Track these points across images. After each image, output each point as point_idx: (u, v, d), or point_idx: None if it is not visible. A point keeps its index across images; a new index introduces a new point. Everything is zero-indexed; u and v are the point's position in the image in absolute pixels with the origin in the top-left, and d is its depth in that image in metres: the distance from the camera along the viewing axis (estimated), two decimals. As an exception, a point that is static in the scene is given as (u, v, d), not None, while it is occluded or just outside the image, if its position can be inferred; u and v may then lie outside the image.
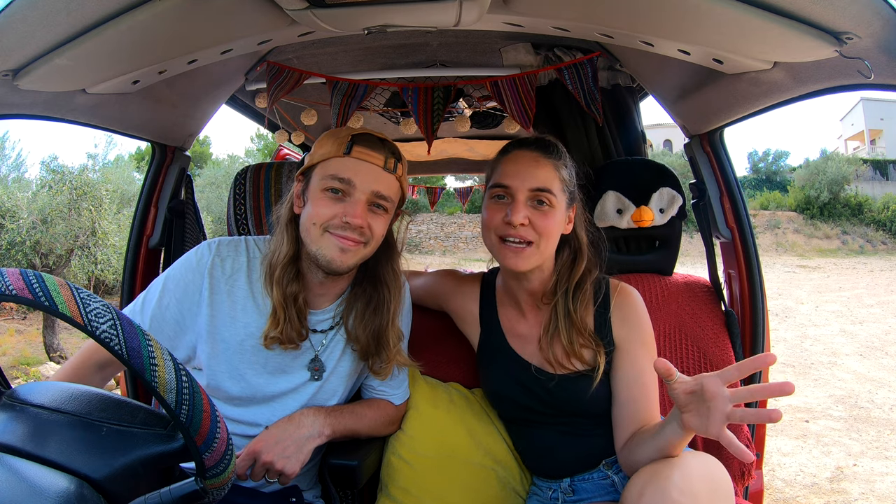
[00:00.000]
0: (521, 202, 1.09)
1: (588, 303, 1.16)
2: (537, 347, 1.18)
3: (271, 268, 1.07)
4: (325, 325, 1.15)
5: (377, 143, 1.07)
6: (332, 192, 1.03)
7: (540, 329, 1.19)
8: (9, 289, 0.58)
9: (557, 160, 1.14)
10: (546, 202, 1.10)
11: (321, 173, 1.05)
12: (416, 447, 1.28)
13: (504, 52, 1.74)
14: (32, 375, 5.51)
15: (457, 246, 17.53)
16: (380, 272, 1.16)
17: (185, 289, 1.09)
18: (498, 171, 1.15)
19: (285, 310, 1.05)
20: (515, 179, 1.10)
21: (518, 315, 1.23)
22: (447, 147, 3.09)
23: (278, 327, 1.05)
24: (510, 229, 1.09)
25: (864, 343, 6.55)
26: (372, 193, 1.04)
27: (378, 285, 1.16)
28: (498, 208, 1.12)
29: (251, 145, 19.90)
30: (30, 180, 8.29)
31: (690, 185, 1.65)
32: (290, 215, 1.10)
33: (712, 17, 0.95)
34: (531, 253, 1.10)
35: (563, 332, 1.13)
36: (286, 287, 1.06)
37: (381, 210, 1.07)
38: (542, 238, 1.10)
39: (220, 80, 1.69)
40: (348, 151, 1.04)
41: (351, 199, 1.03)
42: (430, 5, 1.05)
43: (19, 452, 0.62)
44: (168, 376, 0.61)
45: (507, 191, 1.11)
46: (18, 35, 0.91)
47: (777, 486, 3.05)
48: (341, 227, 1.03)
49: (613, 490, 1.14)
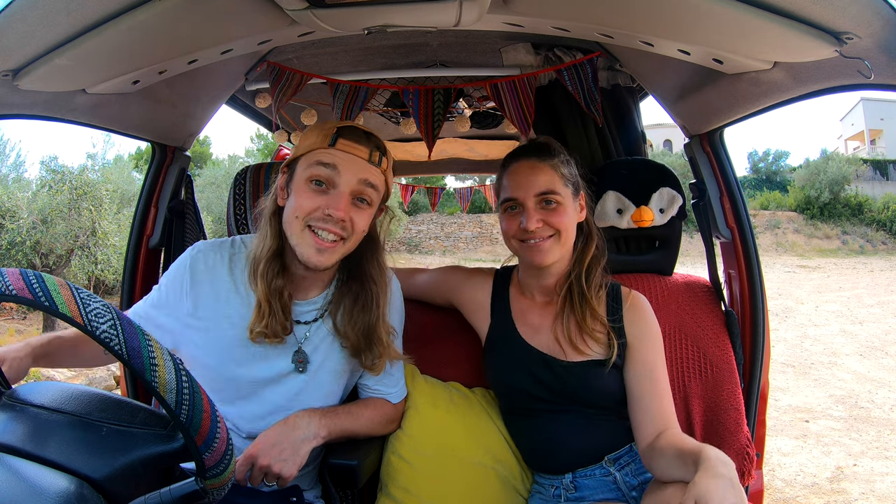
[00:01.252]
0: (531, 209, 1.16)
1: (601, 295, 1.23)
2: (549, 336, 1.22)
3: (255, 261, 1.08)
4: (309, 316, 1.15)
5: (362, 137, 1.07)
6: (315, 183, 1.03)
7: (552, 318, 1.23)
8: (9, 289, 0.58)
9: (554, 159, 1.20)
10: (554, 202, 1.17)
11: (305, 163, 1.05)
12: (416, 446, 1.28)
13: (504, 53, 1.74)
14: (32, 375, 5.51)
15: (457, 246, 17.53)
16: (365, 268, 1.17)
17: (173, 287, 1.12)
18: (504, 185, 1.22)
19: (270, 303, 1.05)
20: (520, 191, 1.18)
21: (531, 305, 1.28)
22: (447, 147, 3.09)
23: (263, 321, 1.05)
24: (527, 234, 1.17)
25: (864, 343, 6.55)
26: (357, 182, 1.05)
27: (365, 281, 1.16)
28: (513, 219, 1.20)
29: (251, 145, 19.90)
30: (30, 180, 8.29)
31: (690, 185, 1.65)
32: (273, 208, 1.11)
33: (712, 17, 0.95)
34: (552, 244, 1.17)
35: (577, 310, 1.19)
36: (271, 281, 1.06)
37: (364, 204, 1.07)
38: (559, 231, 1.17)
39: (220, 80, 1.69)
40: (333, 143, 1.04)
41: (335, 192, 1.03)
42: (430, 5, 1.06)
43: (19, 452, 0.62)
44: (168, 376, 0.61)
45: (515, 202, 1.19)
46: (18, 35, 0.91)
47: (777, 486, 3.05)
48: (323, 219, 1.03)
49: (615, 487, 1.14)
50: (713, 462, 0.85)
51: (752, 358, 1.48)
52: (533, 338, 1.24)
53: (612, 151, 1.78)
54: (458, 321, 1.41)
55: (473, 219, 17.72)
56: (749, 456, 1.36)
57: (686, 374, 1.42)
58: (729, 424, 1.37)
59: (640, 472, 1.15)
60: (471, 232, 17.69)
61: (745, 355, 1.47)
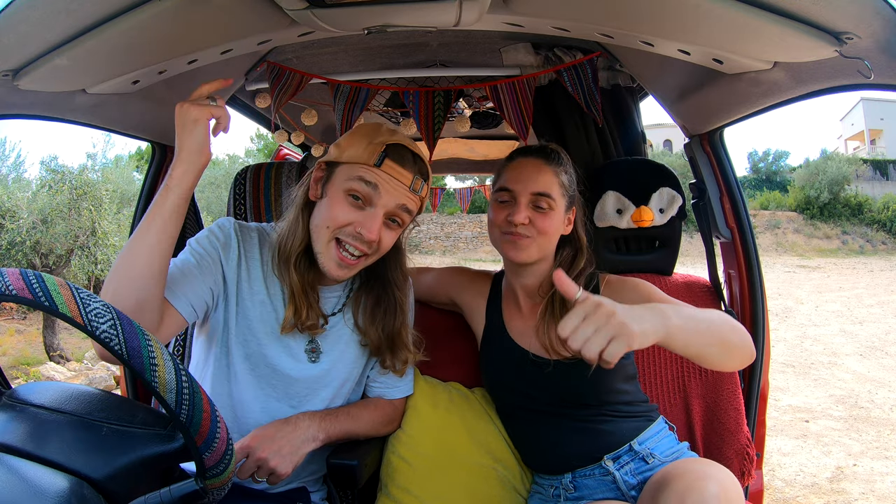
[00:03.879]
0: (523, 204, 1.18)
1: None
2: (534, 336, 1.22)
3: (286, 252, 1.07)
4: (327, 308, 1.16)
5: (409, 160, 1.05)
6: (353, 197, 1.03)
7: (536, 319, 1.23)
8: (9, 289, 0.58)
9: (558, 167, 1.22)
10: (546, 206, 1.19)
11: (347, 173, 1.03)
12: (416, 446, 1.28)
13: (504, 53, 1.74)
14: (32, 375, 5.51)
15: (457, 246, 17.53)
16: (389, 275, 1.18)
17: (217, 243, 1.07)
18: (503, 176, 1.24)
19: (307, 296, 1.07)
20: (518, 184, 1.19)
21: (516, 309, 1.30)
22: (447, 147, 3.09)
23: (302, 313, 1.06)
24: (512, 227, 1.18)
25: (864, 343, 6.55)
26: (395, 206, 1.04)
27: (388, 286, 1.17)
28: (502, 209, 1.22)
29: (251, 145, 19.88)
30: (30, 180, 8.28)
31: (690, 185, 1.65)
32: (304, 199, 1.10)
33: (712, 17, 0.95)
34: (529, 244, 1.18)
35: (558, 312, 1.19)
36: (304, 274, 1.07)
37: (395, 225, 1.08)
38: (540, 235, 1.19)
39: (220, 80, 1.69)
40: (379, 164, 1.02)
41: (370, 210, 1.03)
42: (430, 5, 1.06)
43: (19, 452, 0.62)
44: (168, 376, 0.61)
45: (510, 194, 1.21)
46: (18, 35, 0.91)
47: (777, 486, 3.05)
48: (353, 235, 1.03)
49: (615, 487, 1.14)
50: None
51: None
52: (521, 338, 1.25)
53: (612, 151, 1.78)
54: (458, 322, 1.41)
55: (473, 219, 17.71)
56: (749, 456, 1.36)
57: (686, 374, 1.43)
58: (729, 424, 1.38)
59: (640, 472, 1.14)
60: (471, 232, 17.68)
61: (745, 355, 1.47)
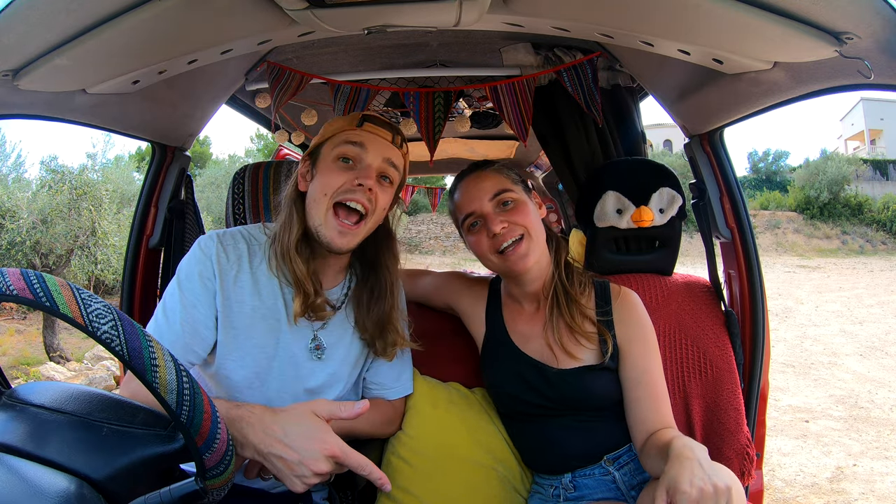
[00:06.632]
0: (490, 214, 1.17)
1: (587, 293, 1.23)
2: (541, 343, 1.22)
3: (284, 247, 1.09)
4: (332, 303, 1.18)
5: (385, 123, 1.14)
6: (343, 160, 1.08)
7: (542, 325, 1.23)
8: (9, 289, 0.58)
9: (492, 167, 1.23)
10: (509, 200, 1.18)
11: (332, 144, 1.10)
12: (416, 447, 1.28)
13: (504, 53, 1.74)
14: (32, 375, 5.51)
15: (457, 246, 17.51)
16: (381, 258, 1.20)
17: (201, 278, 1.09)
18: (458, 206, 1.24)
19: (312, 282, 1.09)
20: (473, 202, 1.19)
21: (521, 315, 1.28)
22: (447, 147, 3.09)
23: (308, 300, 1.07)
24: (498, 240, 1.16)
25: (864, 343, 6.55)
26: (382, 160, 1.10)
27: (379, 270, 1.19)
28: (478, 234, 1.20)
29: (251, 145, 19.92)
30: (30, 180, 8.29)
31: (690, 185, 1.65)
32: (295, 193, 1.13)
33: (712, 17, 0.96)
34: (526, 245, 1.16)
35: (565, 311, 1.19)
36: (307, 262, 1.09)
37: (387, 182, 1.12)
38: (527, 229, 1.16)
39: (220, 80, 1.69)
40: (360, 125, 1.11)
41: (362, 167, 1.08)
42: (430, 5, 1.06)
43: (19, 452, 0.62)
44: (169, 377, 0.61)
45: (474, 216, 1.20)
46: (18, 35, 0.91)
47: (777, 486, 3.05)
48: (352, 189, 1.06)
49: (614, 487, 1.15)
50: (679, 449, 0.88)
51: (752, 358, 1.48)
52: (525, 345, 1.24)
53: (612, 151, 1.78)
54: (458, 323, 1.41)
55: (473, 219, 17.69)
56: (749, 456, 1.36)
57: (686, 374, 1.43)
58: (729, 424, 1.38)
59: (639, 472, 1.15)
60: (471, 232, 17.67)
61: (745, 355, 1.47)
